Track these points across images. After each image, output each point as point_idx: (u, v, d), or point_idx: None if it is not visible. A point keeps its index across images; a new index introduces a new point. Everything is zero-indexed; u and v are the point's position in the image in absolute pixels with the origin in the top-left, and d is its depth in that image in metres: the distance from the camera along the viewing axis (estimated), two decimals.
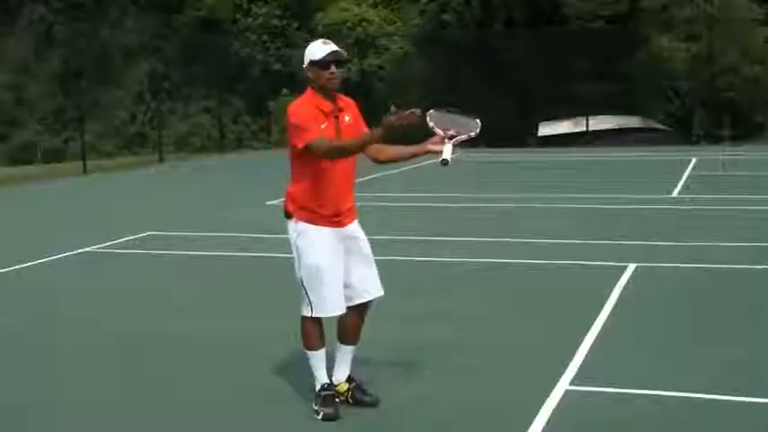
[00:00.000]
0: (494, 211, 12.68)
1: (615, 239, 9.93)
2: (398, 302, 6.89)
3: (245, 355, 6.00)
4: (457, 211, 12.83)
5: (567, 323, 6.53)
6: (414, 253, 9.48)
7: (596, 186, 15.21)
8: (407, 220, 11.85)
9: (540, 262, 8.84)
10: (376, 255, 4.94)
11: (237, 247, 10.12)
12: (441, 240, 10.28)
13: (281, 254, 9.23)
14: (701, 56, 24.81)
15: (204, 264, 9.38)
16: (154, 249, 10.18)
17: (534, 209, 12.72)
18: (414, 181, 14.69)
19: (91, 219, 13.12)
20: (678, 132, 24.75)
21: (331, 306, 4.73)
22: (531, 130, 25.60)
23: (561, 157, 21.55)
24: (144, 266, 9.34)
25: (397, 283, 7.53)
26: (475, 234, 10.58)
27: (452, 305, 7.25)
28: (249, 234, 11.02)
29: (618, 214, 12.07)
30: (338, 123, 4.69)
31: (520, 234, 10.46)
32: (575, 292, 7.55)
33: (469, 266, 8.82)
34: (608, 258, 8.82)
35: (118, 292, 8.07)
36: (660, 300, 7.21)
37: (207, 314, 7.17)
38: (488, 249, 9.64)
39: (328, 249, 4.70)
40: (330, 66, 4.61)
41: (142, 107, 29.98)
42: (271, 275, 8.58)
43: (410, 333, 6.41)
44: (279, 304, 7.25)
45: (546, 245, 9.78)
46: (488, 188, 15.46)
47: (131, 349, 6.20)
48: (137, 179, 19.89)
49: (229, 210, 13.52)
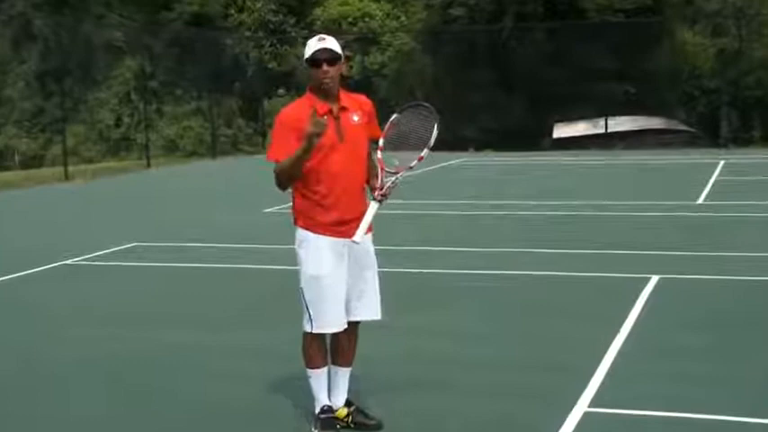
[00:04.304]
0: (504, 219, 12.67)
1: (636, 249, 9.91)
2: (402, 316, 6.88)
3: (233, 372, 6.00)
4: (464, 219, 12.82)
5: (585, 339, 6.52)
6: (419, 263, 9.46)
7: (616, 192, 15.20)
8: (412, 229, 11.85)
9: (555, 273, 8.82)
10: (387, 267, 4.91)
11: (231, 259, 10.11)
12: (448, 250, 10.27)
13: (279, 266, 9.24)
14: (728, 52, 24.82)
15: (194, 277, 9.37)
16: (140, 261, 10.18)
17: (548, 216, 12.70)
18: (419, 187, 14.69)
19: (72, 228, 13.13)
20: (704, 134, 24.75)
21: (330, 321, 4.72)
22: (545, 132, 25.60)
23: (578, 161, 21.55)
24: (129, 280, 9.33)
25: (400, 296, 7.53)
26: (485, 244, 10.57)
27: (460, 319, 7.24)
28: (244, 245, 11.01)
29: (639, 222, 12.05)
30: (339, 125, 4.68)
31: (533, 243, 10.45)
32: (593, 307, 7.54)
33: (479, 278, 8.79)
34: (628, 270, 8.81)
35: (100, 308, 8.07)
36: (685, 315, 7.20)
37: (196, 330, 7.16)
38: (500, 260, 9.63)
39: (329, 260, 4.68)
40: (322, 64, 4.61)
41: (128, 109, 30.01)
42: (267, 289, 8.57)
43: (415, 349, 6.40)
44: (275, 319, 7.26)
45: (561, 255, 9.76)
46: (499, 195, 15.45)
47: (112, 367, 6.20)
48: (122, 186, 19.91)
49: (222, 219, 13.51)
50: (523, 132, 24.66)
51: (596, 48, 24.92)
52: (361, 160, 4.76)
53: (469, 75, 25.87)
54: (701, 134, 25.03)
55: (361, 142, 4.77)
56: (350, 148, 4.69)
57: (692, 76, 25.09)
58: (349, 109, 4.75)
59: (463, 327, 7.05)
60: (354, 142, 4.72)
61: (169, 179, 21.32)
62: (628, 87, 24.48)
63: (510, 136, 24.46)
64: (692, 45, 25.43)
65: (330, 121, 4.65)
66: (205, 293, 8.60)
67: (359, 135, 4.74)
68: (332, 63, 4.61)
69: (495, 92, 25.46)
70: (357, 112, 4.77)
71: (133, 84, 29.59)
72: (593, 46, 24.95)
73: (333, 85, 4.66)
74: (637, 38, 24.83)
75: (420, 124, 4.79)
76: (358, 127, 4.75)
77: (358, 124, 4.75)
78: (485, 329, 6.96)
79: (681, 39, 25.58)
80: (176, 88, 29.78)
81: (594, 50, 24.95)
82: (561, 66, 24.73)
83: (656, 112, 25.27)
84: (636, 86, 24.85)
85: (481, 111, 25.75)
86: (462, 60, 26.28)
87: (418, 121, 4.80)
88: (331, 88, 4.66)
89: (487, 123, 25.44)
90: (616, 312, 7.15)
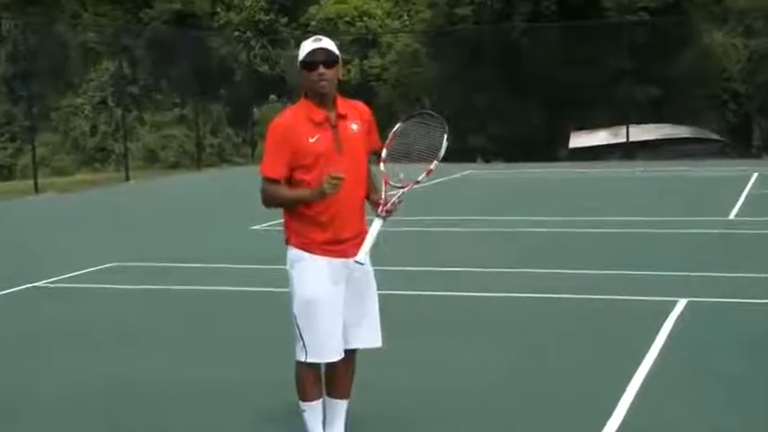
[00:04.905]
0: (516, 238, 12.66)
1: (662, 270, 9.89)
2: (405, 343, 6.86)
3: (218, 405, 5.98)
4: (472, 237, 12.81)
5: (606, 369, 6.50)
6: (423, 286, 9.45)
7: (639, 207, 15.20)
8: (414, 248, 11.85)
9: (573, 297, 8.80)
10: (380, 288, 4.93)
11: (217, 280, 10.09)
12: (455, 271, 10.25)
13: (269, 288, 9.22)
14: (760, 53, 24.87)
15: (177, 300, 9.34)
16: (118, 284, 10.14)
17: (565, 234, 12.69)
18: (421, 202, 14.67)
19: (41, 247, 13.10)
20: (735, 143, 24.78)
21: (326, 349, 4.71)
22: (561, 142, 25.64)
23: (597, 173, 21.55)
24: (107, 304, 9.30)
25: (402, 321, 7.52)
26: (495, 265, 10.56)
27: (469, 347, 7.21)
28: (231, 264, 11.00)
29: (665, 240, 12.04)
30: (337, 134, 4.68)
31: (549, 264, 10.44)
32: (615, 333, 7.52)
33: (490, 302, 8.78)
34: (654, 292, 8.79)
35: (74, 335, 8.04)
36: (716, 342, 7.17)
37: (179, 360, 7.14)
38: (513, 282, 9.60)
39: (324, 282, 4.67)
40: (317, 66, 4.60)
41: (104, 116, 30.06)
42: (256, 314, 8.55)
43: (420, 378, 6.38)
44: (264, 347, 7.23)
45: (579, 277, 9.74)
46: (510, 210, 15.45)
47: (88, 401, 6.18)
48: (98, 200, 19.90)
49: (207, 236, 13.50)
50: (537, 142, 24.71)
51: (616, 49, 24.99)
52: (360, 173, 4.76)
53: (477, 79, 25.93)
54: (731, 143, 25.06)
55: (360, 153, 4.76)
56: (348, 160, 4.68)
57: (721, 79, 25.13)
58: (348, 117, 4.74)
59: (473, 354, 7.02)
60: (353, 153, 4.72)
61: (150, 193, 21.32)
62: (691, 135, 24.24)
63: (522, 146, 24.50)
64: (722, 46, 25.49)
65: (327, 131, 4.65)
66: (188, 318, 8.57)
67: (358, 146, 4.74)
68: (329, 65, 4.61)
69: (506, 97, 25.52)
70: (356, 120, 4.77)
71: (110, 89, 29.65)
72: (612, 47, 25.02)
73: (330, 91, 4.66)
74: (661, 38, 24.90)
75: (426, 135, 4.79)
76: (357, 137, 4.74)
77: (357, 134, 4.74)
78: (497, 357, 6.93)
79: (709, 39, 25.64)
80: (158, 93, 29.85)
81: (614, 52, 25.02)
82: (578, 69, 24.79)
83: (683, 120, 25.31)
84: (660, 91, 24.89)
85: (490, 118, 25.81)
86: (470, 63, 26.34)
87: (425, 130, 4.80)
88: (328, 94, 4.66)
89: (497, 132, 25.49)
90: (640, 339, 7.12)
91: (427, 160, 4.72)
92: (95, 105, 30.43)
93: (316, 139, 4.62)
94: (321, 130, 4.64)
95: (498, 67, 25.72)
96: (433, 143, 4.76)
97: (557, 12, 26.10)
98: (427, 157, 4.74)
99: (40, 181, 21.94)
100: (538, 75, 25.33)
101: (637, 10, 25.61)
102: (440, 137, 4.75)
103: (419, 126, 4.84)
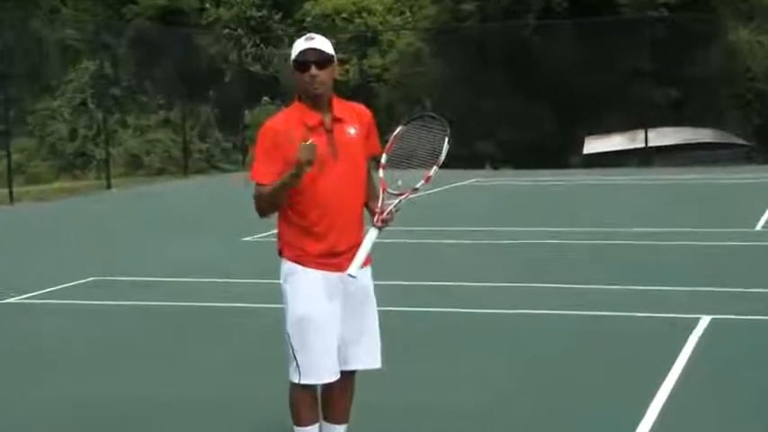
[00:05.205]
0: (527, 250, 12.65)
1: (684, 285, 9.88)
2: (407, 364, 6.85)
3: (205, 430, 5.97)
4: (479, 249, 12.80)
5: (624, 391, 6.48)
6: (427, 302, 9.45)
7: (659, 218, 15.19)
8: (417, 261, 11.83)
9: (588, 314, 8.79)
10: (380, 305, 4.91)
11: (205, 296, 10.08)
12: (461, 286, 10.24)
13: (261, 304, 9.21)
14: None
15: (163, 317, 9.33)
16: (99, 299, 10.12)
17: (580, 247, 12.68)
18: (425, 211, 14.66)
19: (17, 261, 13.09)
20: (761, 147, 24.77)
21: (321, 370, 4.70)
22: (574, 147, 25.65)
23: (613, 181, 21.56)
24: (85, 321, 9.28)
25: (405, 340, 7.50)
26: (505, 279, 10.54)
27: (477, 367, 7.20)
28: (220, 279, 10.98)
29: (686, 252, 12.03)
30: (333, 139, 4.67)
31: (562, 278, 10.42)
32: (634, 352, 7.51)
33: (499, 319, 8.78)
34: (675, 309, 8.77)
35: (48, 355, 8.02)
36: (743, 361, 7.16)
37: (162, 380, 7.13)
38: (523, 298, 9.60)
39: (320, 298, 4.67)
40: (309, 67, 4.60)
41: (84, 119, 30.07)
42: (247, 332, 8.54)
43: (423, 401, 6.36)
44: (256, 368, 7.22)
45: (594, 292, 9.73)
46: (520, 220, 15.44)
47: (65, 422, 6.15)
48: (78, 210, 19.89)
49: (195, 248, 13.49)
50: (548, 147, 24.71)
51: (634, 48, 25.01)
52: (358, 180, 4.75)
53: (485, 80, 25.95)
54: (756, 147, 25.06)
55: (358, 159, 4.75)
56: (345, 167, 4.68)
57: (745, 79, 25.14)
58: (344, 120, 4.74)
59: (482, 375, 7.01)
60: (351, 159, 4.71)
61: (133, 202, 21.31)
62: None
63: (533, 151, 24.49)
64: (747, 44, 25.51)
65: (322, 135, 4.63)
66: (174, 336, 8.56)
67: (356, 151, 4.73)
68: (322, 66, 4.61)
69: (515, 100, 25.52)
70: (354, 124, 4.76)
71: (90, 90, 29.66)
72: (630, 45, 25.04)
73: (324, 93, 4.65)
74: (681, 36, 24.90)
75: (428, 138, 4.78)
76: (355, 141, 4.73)
77: (355, 138, 4.73)
78: (508, 379, 6.93)
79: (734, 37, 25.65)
80: (141, 95, 29.86)
81: (632, 51, 25.04)
82: (592, 69, 24.80)
83: (704, 123, 25.31)
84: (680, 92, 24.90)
85: (498, 122, 25.83)
86: (476, 63, 26.37)
87: (426, 134, 4.80)
88: (322, 96, 4.65)
89: (506, 137, 25.50)
90: (661, 359, 7.11)
91: (427, 166, 4.72)
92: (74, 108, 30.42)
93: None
94: (315, 134, 4.63)
95: (507, 68, 25.73)
96: (434, 148, 4.75)
97: (570, 8, 26.11)
98: (427, 162, 4.74)
99: (15, 189, 21.91)
100: (549, 75, 25.33)
101: (656, 6, 25.62)
102: (441, 141, 4.74)
103: (420, 129, 4.83)
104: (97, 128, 28.46)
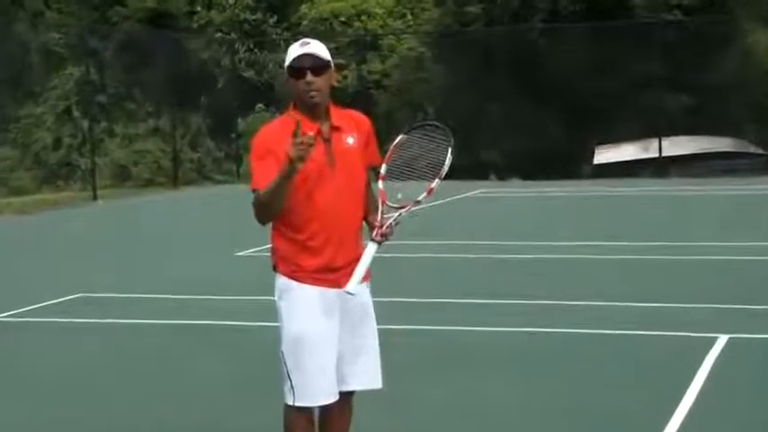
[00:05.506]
0: (535, 266, 12.65)
1: (700, 302, 9.88)
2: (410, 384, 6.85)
3: None
4: (485, 264, 12.80)
5: (638, 415, 6.48)
6: (430, 319, 9.44)
7: (674, 232, 15.18)
8: (419, 276, 11.83)
9: (599, 332, 8.79)
10: (384, 323, 4.92)
11: (196, 313, 10.07)
12: (466, 303, 10.24)
13: (254, 322, 9.22)
14: None
15: (150, 336, 9.31)
16: (83, 317, 10.12)
17: (588, 261, 12.68)
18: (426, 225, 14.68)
19: None
20: None
21: (318, 391, 4.69)
22: (584, 157, 25.66)
23: (625, 193, 21.56)
24: (71, 340, 9.28)
25: (409, 358, 7.51)
26: (512, 295, 10.54)
27: (484, 388, 7.19)
28: (211, 296, 10.97)
29: (702, 268, 12.03)
30: (330, 148, 4.68)
31: (572, 295, 10.42)
32: (647, 373, 7.50)
33: (507, 337, 8.77)
34: (690, 328, 8.76)
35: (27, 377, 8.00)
36: (762, 383, 7.16)
37: (151, 404, 7.12)
38: (532, 315, 9.58)
39: (317, 316, 4.67)
40: (305, 74, 4.61)
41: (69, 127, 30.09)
42: (239, 352, 8.52)
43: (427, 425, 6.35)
44: (247, 389, 7.22)
45: (606, 309, 9.73)
46: (528, 234, 15.43)
47: None
48: (62, 223, 19.88)
49: (186, 263, 13.49)
50: (557, 156, 24.70)
51: (646, 52, 25.02)
52: (356, 192, 4.75)
53: (490, 86, 25.98)
54: None
55: (357, 170, 4.76)
56: (343, 178, 4.68)
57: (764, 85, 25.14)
58: (342, 129, 4.74)
59: (489, 397, 7.00)
60: (349, 170, 4.71)
61: (120, 214, 21.31)
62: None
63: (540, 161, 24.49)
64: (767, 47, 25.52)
65: (319, 145, 4.62)
66: (161, 356, 8.54)
67: (354, 161, 4.74)
68: (318, 72, 4.62)
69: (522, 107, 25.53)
70: (352, 133, 4.77)
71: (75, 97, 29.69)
72: (642, 50, 25.05)
73: (320, 100, 4.66)
74: (697, 39, 24.91)
75: (430, 148, 4.79)
76: (354, 151, 4.74)
77: (354, 148, 4.74)
78: (518, 401, 6.91)
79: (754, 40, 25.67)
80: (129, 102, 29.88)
81: (644, 55, 25.05)
82: (603, 75, 24.81)
83: (721, 131, 25.32)
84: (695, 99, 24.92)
85: (504, 130, 25.83)
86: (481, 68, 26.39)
87: (429, 144, 4.81)
88: (318, 104, 4.66)
89: (512, 146, 25.50)
90: (675, 381, 7.10)
91: (429, 178, 4.73)
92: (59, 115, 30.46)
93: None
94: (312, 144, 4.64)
95: (513, 73, 25.76)
96: (437, 158, 4.76)
97: (579, 11, 26.14)
98: (429, 173, 4.75)
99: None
100: (558, 81, 25.35)
101: (670, 8, 25.65)
102: (444, 151, 4.76)
103: (422, 139, 4.84)
104: (82, 137, 28.47)
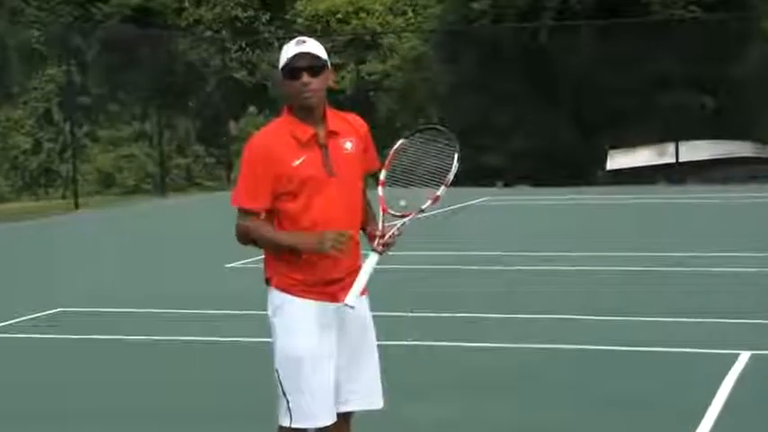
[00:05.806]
0: (545, 278, 12.65)
1: (721, 317, 9.86)
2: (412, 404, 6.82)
3: None
4: (492, 277, 12.80)
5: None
6: (434, 335, 9.42)
7: (692, 242, 15.19)
8: (422, 290, 11.81)
9: (614, 349, 8.78)
10: (385, 339, 4.89)
11: (184, 329, 10.05)
12: (471, 317, 10.22)
13: (247, 338, 9.20)
14: None
15: (137, 353, 9.30)
16: (63, 333, 10.11)
17: (603, 273, 12.67)
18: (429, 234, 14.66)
19: None
20: None
21: (315, 412, 4.67)
22: (596, 162, 25.68)
23: (640, 200, 21.57)
24: (48, 358, 9.25)
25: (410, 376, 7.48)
26: (522, 310, 10.53)
27: (492, 409, 7.18)
28: (200, 310, 10.95)
29: (723, 280, 12.01)
30: (327, 154, 4.66)
31: (585, 309, 10.41)
32: (663, 392, 7.48)
33: (516, 354, 8.75)
34: (712, 344, 8.76)
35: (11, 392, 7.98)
36: None
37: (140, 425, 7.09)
38: (542, 331, 9.58)
39: (313, 331, 4.65)
40: (300, 74, 4.59)
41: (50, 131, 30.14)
42: (230, 371, 8.50)
43: None
44: (239, 411, 7.19)
45: (622, 325, 9.73)
46: (537, 244, 15.43)
47: None
48: (42, 232, 19.89)
49: (173, 275, 13.50)
50: (568, 162, 24.76)
51: (662, 51, 25.05)
52: (354, 200, 4.74)
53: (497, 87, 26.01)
54: None
55: (355, 177, 4.74)
56: (341, 185, 4.66)
57: None
58: (340, 134, 4.72)
59: (498, 419, 6.98)
60: (347, 177, 4.69)
61: (104, 224, 21.32)
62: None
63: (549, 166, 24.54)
64: None
65: (315, 150, 4.63)
66: (145, 375, 8.52)
67: (352, 167, 4.71)
68: (315, 73, 4.60)
69: (531, 109, 25.60)
70: (350, 137, 4.75)
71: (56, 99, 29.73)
72: (658, 49, 25.08)
73: (317, 103, 4.64)
74: (717, 38, 24.96)
75: (434, 154, 4.78)
76: (352, 157, 4.72)
77: (352, 153, 4.72)
78: (528, 422, 6.90)
79: None
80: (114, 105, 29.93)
81: (660, 54, 25.07)
82: (616, 75, 24.86)
83: (742, 135, 25.35)
84: (715, 101, 24.95)
85: (512, 134, 25.88)
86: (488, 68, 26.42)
87: (432, 149, 4.79)
88: (314, 106, 4.64)
89: (520, 150, 25.55)
90: (694, 401, 7.09)
91: (433, 185, 4.72)
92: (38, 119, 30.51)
93: (301, 161, 4.60)
94: (308, 149, 4.62)
95: (522, 73, 25.80)
96: (442, 164, 4.75)
97: (591, 8, 26.17)
98: (433, 180, 4.73)
99: None
100: (569, 82, 25.42)
101: (687, 5, 25.69)
102: (449, 157, 4.74)
103: (425, 143, 4.84)
104: (63, 141, 28.52)
